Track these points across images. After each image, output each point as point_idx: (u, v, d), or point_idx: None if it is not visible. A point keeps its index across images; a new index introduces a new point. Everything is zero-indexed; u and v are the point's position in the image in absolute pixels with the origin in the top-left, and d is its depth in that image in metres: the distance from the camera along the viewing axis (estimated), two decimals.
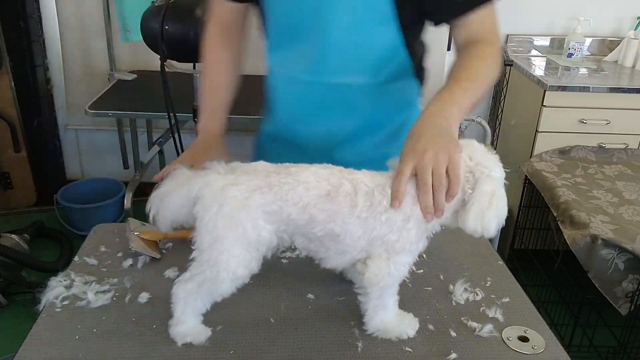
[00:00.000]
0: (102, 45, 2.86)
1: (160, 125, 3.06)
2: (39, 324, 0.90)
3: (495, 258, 1.12)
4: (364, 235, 0.83)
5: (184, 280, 0.84)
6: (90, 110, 2.36)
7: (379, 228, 0.82)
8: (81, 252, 1.09)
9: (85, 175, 3.30)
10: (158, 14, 1.73)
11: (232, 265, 0.81)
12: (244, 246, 0.81)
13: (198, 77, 1.99)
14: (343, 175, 0.83)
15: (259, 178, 0.81)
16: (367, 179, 0.83)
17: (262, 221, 0.81)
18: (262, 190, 0.80)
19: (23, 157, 2.96)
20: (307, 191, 0.81)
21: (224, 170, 0.84)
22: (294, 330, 0.90)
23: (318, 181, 0.82)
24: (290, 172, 0.82)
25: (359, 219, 0.82)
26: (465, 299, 0.99)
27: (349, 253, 0.86)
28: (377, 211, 0.82)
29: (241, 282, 0.84)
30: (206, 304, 0.86)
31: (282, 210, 0.81)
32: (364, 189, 0.82)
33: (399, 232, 0.83)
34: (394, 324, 0.90)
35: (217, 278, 0.81)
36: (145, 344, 0.86)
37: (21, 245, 2.42)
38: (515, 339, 0.89)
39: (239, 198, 0.79)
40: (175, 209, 0.84)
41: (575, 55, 2.83)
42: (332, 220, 0.82)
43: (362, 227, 0.82)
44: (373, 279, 0.85)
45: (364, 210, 0.81)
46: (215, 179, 0.82)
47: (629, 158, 2.46)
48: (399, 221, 0.82)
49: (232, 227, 0.80)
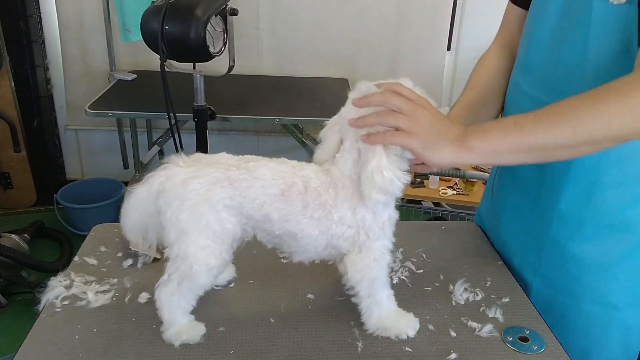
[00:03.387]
0: (102, 45, 2.86)
1: (160, 125, 3.06)
2: (39, 324, 0.90)
3: (495, 258, 1.12)
4: (321, 235, 0.83)
5: (163, 283, 0.85)
6: (90, 110, 2.37)
7: (334, 227, 0.82)
8: (81, 252, 1.09)
9: (85, 175, 3.30)
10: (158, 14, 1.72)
11: (201, 256, 0.81)
12: (210, 238, 0.81)
13: (198, 77, 1.99)
14: (295, 172, 0.82)
15: (220, 171, 0.81)
16: (314, 176, 0.82)
17: (224, 214, 0.81)
18: (223, 184, 0.80)
19: (23, 157, 2.96)
20: (263, 189, 0.81)
21: (184, 162, 0.83)
22: (294, 330, 0.90)
23: (274, 179, 0.81)
24: (249, 168, 0.82)
25: (312, 219, 0.82)
26: (465, 299, 0.99)
27: (311, 251, 0.86)
28: (327, 211, 0.82)
29: (217, 272, 0.85)
30: (190, 301, 0.86)
31: (242, 205, 0.81)
32: (312, 185, 0.82)
33: (355, 225, 0.83)
34: (391, 321, 0.89)
35: (191, 271, 0.82)
36: (145, 344, 0.86)
37: (21, 245, 2.42)
38: (515, 339, 0.89)
39: (200, 191, 0.79)
40: (139, 208, 0.84)
41: None
42: (287, 220, 0.82)
43: (317, 227, 0.82)
44: (356, 276, 0.85)
45: (315, 210, 0.81)
46: (175, 172, 0.81)
47: None
48: (349, 215, 0.82)
49: (195, 220, 0.80)
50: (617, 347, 1.01)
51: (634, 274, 0.96)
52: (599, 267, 0.97)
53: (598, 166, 0.92)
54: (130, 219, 0.86)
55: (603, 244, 0.95)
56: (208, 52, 1.79)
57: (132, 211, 0.85)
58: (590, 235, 0.96)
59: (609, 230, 0.95)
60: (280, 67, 2.98)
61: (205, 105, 2.04)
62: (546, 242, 1.01)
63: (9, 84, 2.82)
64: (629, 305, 0.98)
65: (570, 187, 0.95)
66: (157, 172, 0.83)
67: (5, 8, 2.72)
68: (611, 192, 0.93)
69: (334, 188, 0.82)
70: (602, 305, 0.98)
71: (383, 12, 2.82)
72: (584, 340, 0.94)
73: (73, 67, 2.99)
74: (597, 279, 0.97)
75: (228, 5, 1.88)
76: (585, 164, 0.93)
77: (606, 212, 0.94)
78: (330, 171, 0.83)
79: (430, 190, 2.50)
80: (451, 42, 2.97)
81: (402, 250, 1.11)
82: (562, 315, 0.99)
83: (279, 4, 2.85)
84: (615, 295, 0.97)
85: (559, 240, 0.99)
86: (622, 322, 0.99)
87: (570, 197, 0.96)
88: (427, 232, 1.20)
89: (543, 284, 1.03)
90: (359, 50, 2.92)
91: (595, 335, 1.00)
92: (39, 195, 3.07)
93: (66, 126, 3.16)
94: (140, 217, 0.85)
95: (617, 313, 0.98)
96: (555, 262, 1.01)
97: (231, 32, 1.92)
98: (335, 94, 2.69)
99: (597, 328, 0.99)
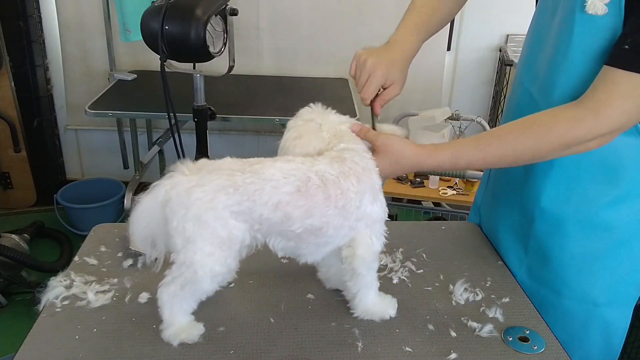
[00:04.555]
0: (102, 45, 2.86)
1: (160, 125, 3.06)
2: (39, 324, 0.90)
3: (495, 258, 1.12)
4: (345, 222, 0.85)
5: (166, 284, 0.85)
6: (90, 110, 2.36)
7: (355, 211, 0.84)
8: (81, 252, 1.09)
9: (85, 175, 3.30)
10: (158, 14, 1.72)
11: (207, 263, 0.81)
12: (216, 245, 0.81)
13: (198, 77, 1.99)
14: (308, 168, 0.83)
15: (223, 177, 0.80)
16: (329, 168, 0.84)
17: (232, 220, 0.81)
18: (227, 191, 0.80)
19: (23, 157, 2.96)
20: (276, 189, 0.80)
21: (189, 170, 0.83)
22: (294, 330, 0.90)
23: (285, 177, 0.81)
24: (255, 171, 0.81)
25: (336, 208, 0.83)
26: (465, 299, 0.99)
27: (331, 244, 0.87)
28: (350, 197, 0.83)
29: (221, 279, 0.85)
30: (192, 303, 0.86)
31: (252, 210, 0.80)
32: (330, 178, 0.83)
33: (372, 203, 0.86)
34: (376, 304, 0.92)
35: (195, 278, 0.82)
36: (145, 344, 0.86)
37: (21, 245, 2.41)
38: (515, 339, 0.89)
39: (203, 200, 0.79)
40: (146, 217, 0.84)
41: None
42: (310, 216, 0.82)
43: (342, 215, 0.84)
44: (366, 256, 0.87)
45: (339, 199, 0.83)
46: (180, 180, 0.81)
47: None
48: (369, 197, 0.86)
49: (200, 228, 0.80)
50: (597, 344, 1.02)
51: (614, 272, 0.98)
52: (580, 264, 0.98)
53: (578, 165, 0.94)
54: (138, 228, 0.85)
55: (584, 241, 0.98)
56: (208, 52, 1.79)
57: (140, 220, 0.85)
58: (572, 232, 0.98)
59: (590, 228, 0.97)
60: (280, 67, 2.98)
61: (205, 105, 2.04)
62: (530, 237, 1.04)
63: (9, 84, 2.82)
64: (609, 303, 0.99)
65: (551, 185, 0.98)
66: (162, 181, 0.83)
67: (5, 8, 2.72)
68: (592, 191, 0.95)
69: (355, 175, 0.85)
70: (582, 302, 1.00)
71: (383, 12, 2.82)
72: (563, 334, 0.96)
73: (73, 67, 2.98)
74: (578, 276, 0.99)
75: (228, 5, 1.88)
76: (566, 164, 0.95)
77: (587, 210, 0.96)
78: (346, 161, 0.86)
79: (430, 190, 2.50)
80: (451, 42, 2.97)
81: (402, 250, 1.11)
82: (544, 308, 1.00)
83: (279, 4, 2.85)
84: (596, 292, 0.99)
85: (541, 236, 1.01)
86: (603, 319, 1.00)
87: (552, 195, 0.99)
88: (427, 232, 1.20)
89: (527, 275, 1.06)
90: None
91: (574, 330, 1.02)
92: (39, 195, 3.07)
93: (66, 126, 3.16)
94: (147, 225, 0.85)
95: (597, 310, 1.00)
96: (539, 256, 1.03)
97: (231, 32, 1.92)
98: (335, 94, 2.69)
99: (576, 323, 1.01)
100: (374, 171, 0.88)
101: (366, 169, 0.87)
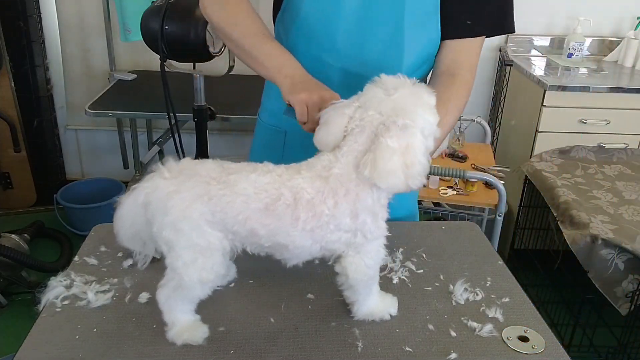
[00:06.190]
0: (102, 45, 2.87)
1: (160, 125, 3.06)
2: (39, 324, 0.90)
3: (495, 258, 1.12)
4: (315, 243, 0.82)
5: (161, 286, 0.85)
6: (90, 110, 2.37)
7: (329, 235, 0.81)
8: (81, 252, 1.09)
9: (85, 175, 3.30)
10: (158, 14, 1.72)
11: (190, 271, 0.80)
12: (197, 252, 0.79)
13: (198, 77, 1.99)
14: (283, 182, 0.79)
15: (200, 185, 0.79)
16: (307, 185, 0.79)
17: (208, 228, 0.79)
18: (203, 200, 0.78)
19: (23, 157, 2.96)
20: (246, 204, 0.78)
21: (169, 173, 0.81)
22: (294, 330, 0.90)
23: (257, 193, 0.78)
24: (229, 182, 0.79)
25: (304, 231, 0.80)
26: (465, 299, 0.99)
27: (304, 255, 0.85)
28: (323, 221, 0.80)
29: (212, 285, 0.84)
30: (188, 305, 0.86)
31: (225, 221, 0.79)
32: (305, 197, 0.79)
33: (353, 229, 0.82)
34: (378, 305, 0.92)
35: (182, 284, 0.81)
36: (145, 344, 0.86)
37: (21, 245, 2.42)
38: (515, 339, 0.89)
39: (179, 207, 0.78)
40: (129, 218, 0.84)
41: (575, 55, 2.83)
42: (276, 234, 0.80)
43: (310, 237, 0.81)
44: (358, 277, 0.85)
45: (308, 222, 0.79)
46: (160, 184, 0.80)
47: (629, 158, 2.46)
48: (348, 221, 0.80)
49: (177, 235, 0.79)
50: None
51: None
52: None
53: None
54: (123, 227, 0.86)
55: None
56: (208, 52, 1.79)
57: (124, 220, 0.85)
58: None
59: None
60: None
61: (205, 105, 2.04)
62: None
63: (9, 84, 2.82)
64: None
65: None
66: (142, 184, 0.82)
67: (5, 8, 2.72)
68: None
69: (334, 197, 0.79)
70: None
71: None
72: None
73: (73, 67, 2.99)
74: None
75: None
76: None
77: None
78: (330, 177, 0.80)
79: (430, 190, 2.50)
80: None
81: (402, 250, 1.11)
82: None
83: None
84: None
85: None
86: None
87: None
88: (427, 232, 1.21)
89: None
90: None
91: None
92: (39, 195, 3.07)
93: (66, 126, 3.16)
94: (131, 226, 0.85)
95: None
96: None
97: None
98: None
99: None
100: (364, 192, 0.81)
101: (350, 191, 0.80)
